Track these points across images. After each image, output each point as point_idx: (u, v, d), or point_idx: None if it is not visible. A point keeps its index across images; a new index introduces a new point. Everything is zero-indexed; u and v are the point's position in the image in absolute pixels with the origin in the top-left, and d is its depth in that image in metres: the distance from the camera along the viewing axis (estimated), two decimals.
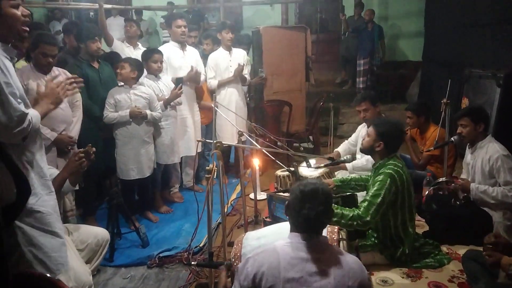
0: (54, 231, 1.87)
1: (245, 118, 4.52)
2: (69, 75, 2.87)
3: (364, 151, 2.80)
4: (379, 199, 2.46)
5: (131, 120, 3.42)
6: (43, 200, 1.83)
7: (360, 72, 6.94)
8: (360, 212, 2.43)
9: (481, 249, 2.25)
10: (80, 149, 2.35)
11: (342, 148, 3.86)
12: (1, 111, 1.58)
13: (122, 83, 3.52)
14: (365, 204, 2.47)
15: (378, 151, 2.65)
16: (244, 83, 4.68)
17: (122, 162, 3.47)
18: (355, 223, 2.40)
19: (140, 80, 3.62)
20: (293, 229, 1.61)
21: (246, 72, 4.64)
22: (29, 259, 1.77)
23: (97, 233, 2.64)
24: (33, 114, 1.77)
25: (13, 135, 1.66)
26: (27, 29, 1.77)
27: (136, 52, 4.38)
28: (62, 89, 1.99)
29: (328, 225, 1.96)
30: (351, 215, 2.40)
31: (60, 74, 2.94)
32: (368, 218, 2.42)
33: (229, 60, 4.49)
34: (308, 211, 1.55)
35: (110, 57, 4.02)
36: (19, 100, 1.67)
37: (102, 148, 3.38)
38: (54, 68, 3.00)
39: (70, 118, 3.08)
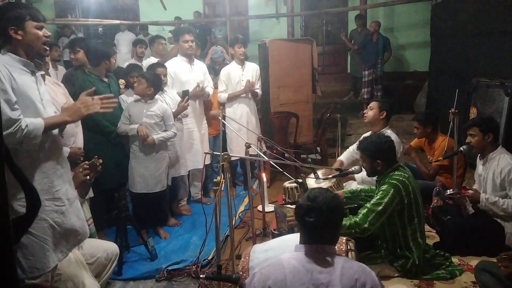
0: (38, 235, 1.89)
1: (258, 133, 4.44)
2: (61, 85, 2.99)
3: (371, 175, 2.76)
4: (380, 208, 2.44)
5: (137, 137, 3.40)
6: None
7: (364, 83, 6.98)
8: (357, 220, 2.41)
9: (494, 260, 2.21)
10: (85, 162, 2.38)
11: (344, 156, 3.73)
12: None
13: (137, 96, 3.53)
14: (364, 211, 2.46)
15: (380, 169, 2.64)
16: (255, 98, 4.69)
17: (131, 173, 3.49)
18: (353, 231, 2.37)
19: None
20: (300, 240, 1.60)
21: (258, 86, 4.64)
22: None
23: (107, 247, 2.65)
24: (34, 121, 1.81)
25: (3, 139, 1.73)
26: (48, 48, 2.02)
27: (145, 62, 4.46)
28: (85, 106, 2.01)
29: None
30: (347, 224, 2.38)
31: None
32: (366, 225, 2.39)
33: (241, 74, 4.52)
34: (313, 218, 1.55)
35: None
36: (15, 106, 1.77)
37: (114, 163, 3.40)
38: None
39: (75, 130, 3.12)
